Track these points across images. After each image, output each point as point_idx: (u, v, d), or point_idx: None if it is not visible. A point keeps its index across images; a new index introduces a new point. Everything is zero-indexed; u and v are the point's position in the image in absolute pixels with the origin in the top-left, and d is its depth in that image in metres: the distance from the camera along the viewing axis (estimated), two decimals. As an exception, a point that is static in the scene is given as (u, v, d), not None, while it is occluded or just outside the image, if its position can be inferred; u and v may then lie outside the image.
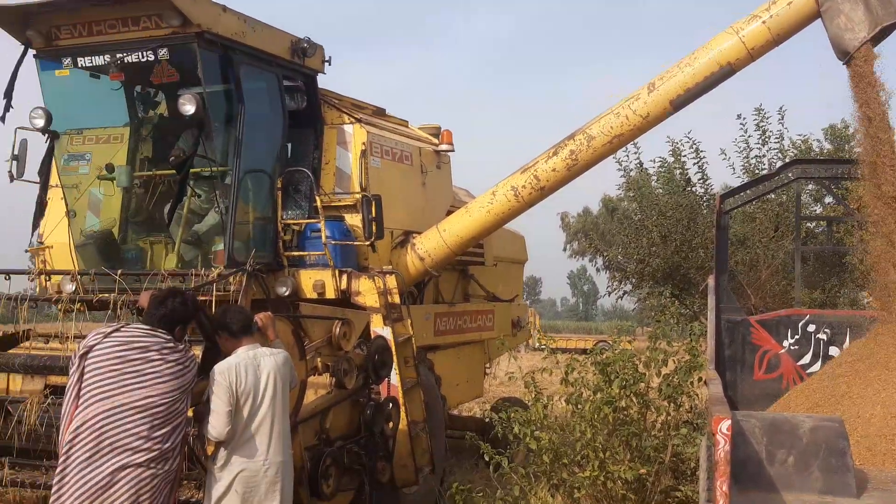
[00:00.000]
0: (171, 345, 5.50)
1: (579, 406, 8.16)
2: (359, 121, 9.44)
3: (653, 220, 19.44)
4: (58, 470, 5.29)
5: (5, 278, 7.53)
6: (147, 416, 5.29)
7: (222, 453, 5.72)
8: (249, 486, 5.68)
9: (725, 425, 5.11)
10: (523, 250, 13.70)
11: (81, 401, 5.31)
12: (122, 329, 5.51)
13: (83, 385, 5.35)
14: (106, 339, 5.42)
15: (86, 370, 5.37)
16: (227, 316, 5.95)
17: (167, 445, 5.37)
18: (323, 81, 9.43)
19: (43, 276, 8.51)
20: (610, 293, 23.36)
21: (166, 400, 5.34)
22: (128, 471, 5.24)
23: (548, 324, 62.85)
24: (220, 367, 5.71)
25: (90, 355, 5.38)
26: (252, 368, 5.75)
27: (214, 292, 6.91)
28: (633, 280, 21.33)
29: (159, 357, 5.40)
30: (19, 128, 8.33)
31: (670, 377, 8.38)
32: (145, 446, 5.29)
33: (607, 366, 8.23)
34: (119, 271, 7.40)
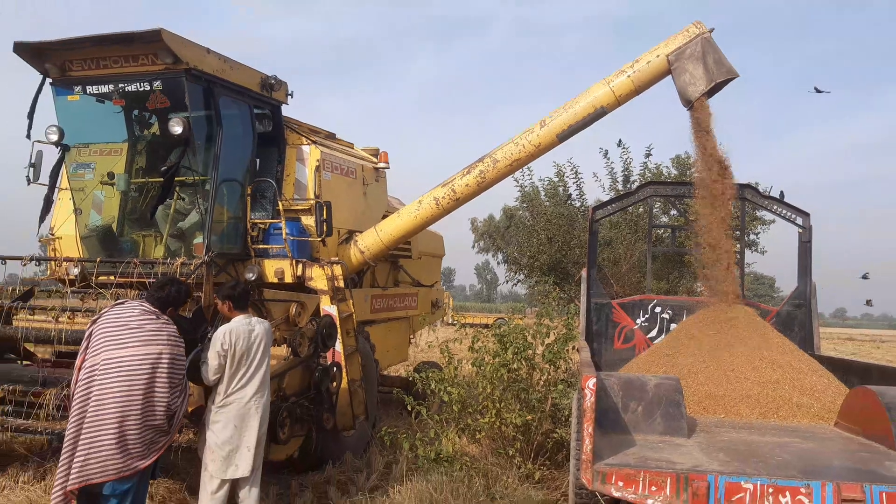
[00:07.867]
0: (153, 318, 5.30)
1: (482, 367, 8.00)
2: (314, 143, 9.04)
3: (541, 225, 19.18)
4: (79, 394, 5.04)
5: (1, 262, 7.07)
6: (125, 372, 5.05)
7: (221, 396, 5.75)
8: (241, 416, 5.75)
9: (591, 382, 5.14)
10: (441, 247, 12.87)
11: (89, 353, 5.18)
12: (120, 305, 5.42)
13: (91, 343, 5.24)
14: (108, 312, 5.37)
15: (93, 334, 5.28)
16: (235, 289, 5.88)
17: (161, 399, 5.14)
18: (286, 111, 9.06)
19: (53, 262, 8.02)
20: (507, 281, 22.82)
21: (139, 359, 5.08)
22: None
23: (459, 305, 61.99)
24: (222, 329, 5.63)
25: (98, 322, 5.32)
26: (246, 333, 5.71)
27: (194, 277, 6.56)
28: (526, 271, 20.79)
29: (138, 326, 5.25)
30: (36, 141, 7.99)
31: (552, 346, 8.24)
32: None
33: (504, 337, 8.11)
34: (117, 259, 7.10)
